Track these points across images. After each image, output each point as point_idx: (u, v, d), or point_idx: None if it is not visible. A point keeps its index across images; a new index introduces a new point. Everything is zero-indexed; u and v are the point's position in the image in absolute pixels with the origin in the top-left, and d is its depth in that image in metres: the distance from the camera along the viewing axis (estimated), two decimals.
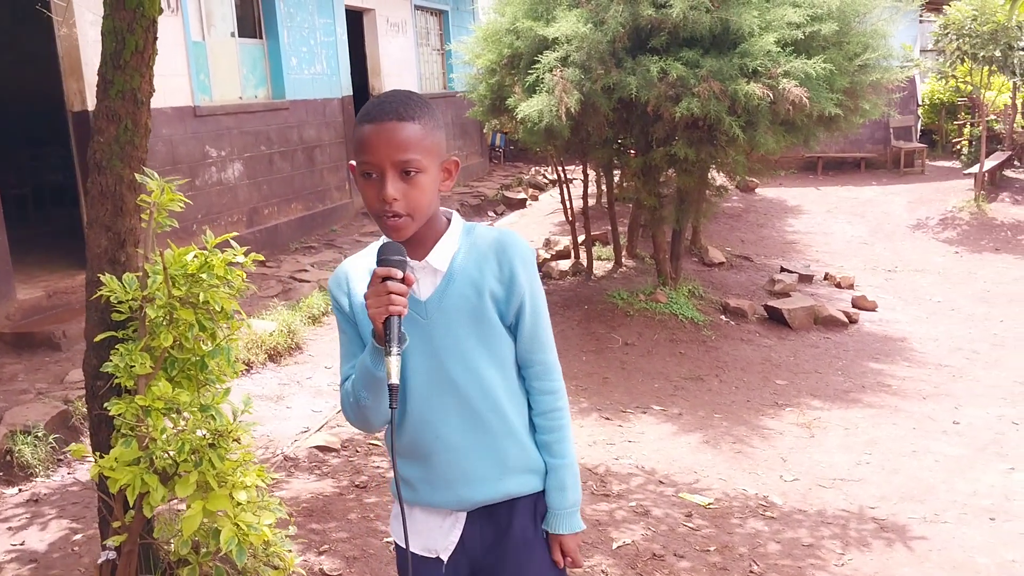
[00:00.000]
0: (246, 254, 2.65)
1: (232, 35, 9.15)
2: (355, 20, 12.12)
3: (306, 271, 8.86)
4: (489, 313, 1.80)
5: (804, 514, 4.48)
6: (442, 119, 1.79)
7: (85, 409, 5.31)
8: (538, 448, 1.90)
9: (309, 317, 7.41)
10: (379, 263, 1.66)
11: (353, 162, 1.74)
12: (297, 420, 5.47)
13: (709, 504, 4.50)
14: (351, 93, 11.50)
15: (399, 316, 1.63)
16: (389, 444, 1.86)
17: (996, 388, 6.57)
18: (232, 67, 9.18)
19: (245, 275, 2.71)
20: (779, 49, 6.40)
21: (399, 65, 12.93)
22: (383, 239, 1.78)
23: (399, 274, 1.64)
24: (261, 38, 9.72)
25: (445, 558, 1.91)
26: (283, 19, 9.83)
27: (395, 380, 1.62)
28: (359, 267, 1.86)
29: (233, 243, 2.69)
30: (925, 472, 5.04)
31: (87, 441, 5.26)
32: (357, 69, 12.07)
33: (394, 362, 1.62)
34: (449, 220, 1.84)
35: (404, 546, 1.87)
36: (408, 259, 1.71)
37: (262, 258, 2.80)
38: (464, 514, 1.89)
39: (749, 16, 6.42)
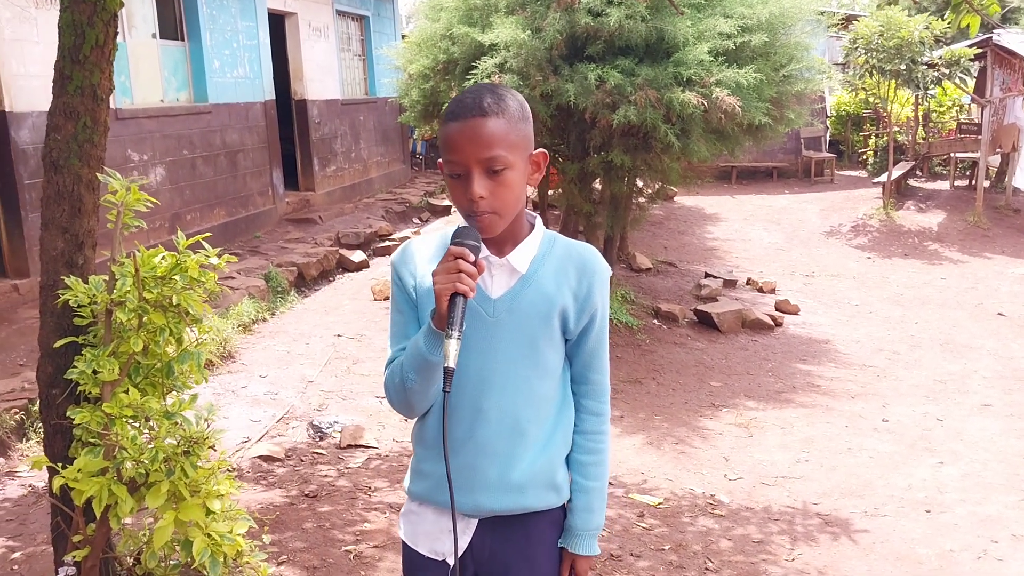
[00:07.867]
0: (219, 256, 2.58)
1: (153, 36, 8.87)
2: (277, 24, 11.90)
3: (233, 278, 8.63)
4: (555, 323, 1.76)
5: (751, 511, 4.58)
6: (529, 110, 1.72)
7: (12, 422, 5.09)
8: (571, 465, 1.85)
9: (240, 325, 7.24)
10: (454, 243, 1.61)
11: (441, 160, 1.69)
12: (236, 431, 5.33)
13: (659, 504, 4.56)
14: (274, 97, 11.27)
15: (465, 298, 1.57)
16: (421, 436, 1.84)
17: (918, 387, 6.85)
18: (153, 69, 8.90)
19: (217, 277, 2.64)
20: (711, 59, 6.54)
21: (321, 70, 12.75)
22: (456, 226, 1.72)
23: (472, 256, 1.58)
24: (183, 40, 9.45)
25: (452, 562, 1.84)
26: (205, 21, 9.58)
27: (452, 363, 1.56)
28: (428, 247, 1.80)
29: (205, 244, 2.62)
30: (861, 468, 5.21)
31: (13, 454, 5.03)
32: (279, 73, 11.85)
33: (453, 345, 1.56)
34: (532, 224, 1.80)
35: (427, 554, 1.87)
36: (488, 252, 1.70)
37: (235, 259, 2.73)
38: (476, 520, 1.82)
39: (683, 26, 6.55)
